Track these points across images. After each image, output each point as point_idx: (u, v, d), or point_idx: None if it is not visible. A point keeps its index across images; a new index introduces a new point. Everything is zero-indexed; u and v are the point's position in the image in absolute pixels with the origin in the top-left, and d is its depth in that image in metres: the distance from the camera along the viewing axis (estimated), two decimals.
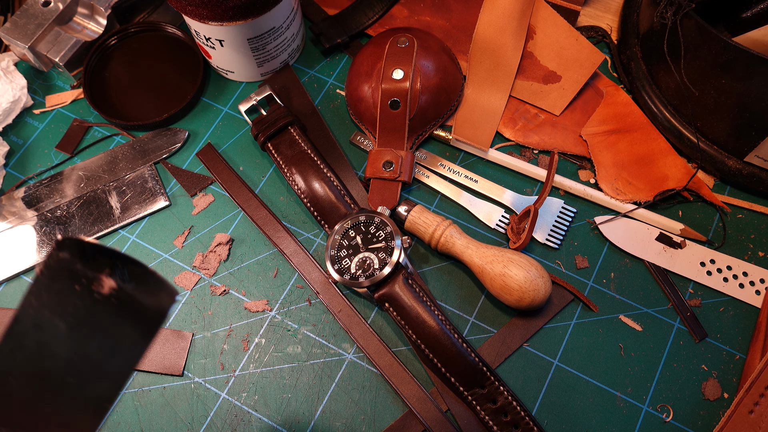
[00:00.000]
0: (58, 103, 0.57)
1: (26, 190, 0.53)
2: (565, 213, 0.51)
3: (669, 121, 0.52)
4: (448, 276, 0.49)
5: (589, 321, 0.48)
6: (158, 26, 0.58)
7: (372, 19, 0.58)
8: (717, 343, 0.47)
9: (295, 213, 0.52)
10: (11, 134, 0.56)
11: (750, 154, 0.49)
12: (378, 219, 0.47)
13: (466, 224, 0.51)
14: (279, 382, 0.46)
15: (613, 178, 0.51)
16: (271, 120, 0.52)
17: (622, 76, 0.56)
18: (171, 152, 0.54)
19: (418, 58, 0.51)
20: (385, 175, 0.50)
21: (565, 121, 0.54)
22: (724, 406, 0.45)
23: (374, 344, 0.46)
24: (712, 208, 0.51)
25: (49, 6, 0.55)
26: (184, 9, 0.48)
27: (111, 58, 0.57)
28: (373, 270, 0.46)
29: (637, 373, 0.46)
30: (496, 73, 0.54)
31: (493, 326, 0.47)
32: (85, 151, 0.55)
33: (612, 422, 0.44)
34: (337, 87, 0.57)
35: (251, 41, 0.51)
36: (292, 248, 0.49)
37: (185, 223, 0.52)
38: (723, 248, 0.50)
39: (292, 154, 0.51)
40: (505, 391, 0.44)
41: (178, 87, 0.56)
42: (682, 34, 0.47)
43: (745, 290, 0.48)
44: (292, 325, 0.48)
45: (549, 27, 0.55)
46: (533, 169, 0.52)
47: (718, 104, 0.48)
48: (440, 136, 0.53)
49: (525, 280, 0.44)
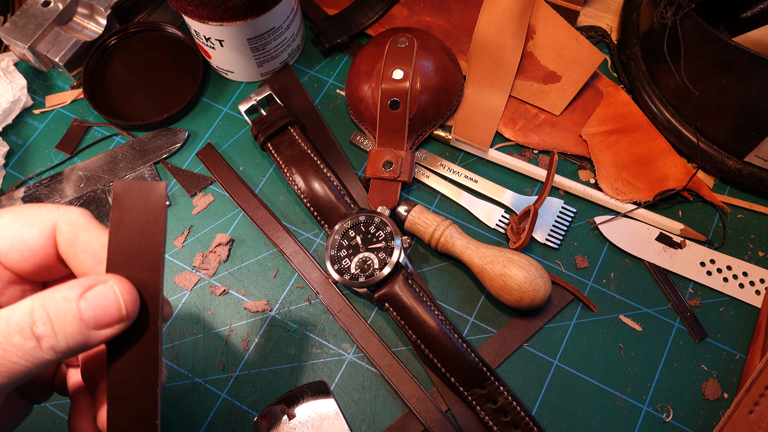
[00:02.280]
0: (58, 103, 0.57)
1: (26, 190, 0.53)
2: (565, 213, 0.51)
3: (669, 121, 0.52)
4: (448, 276, 0.49)
5: (589, 321, 0.48)
6: (158, 26, 0.58)
7: (372, 19, 0.58)
8: (717, 343, 0.47)
9: (295, 213, 0.52)
10: (11, 134, 0.56)
11: (750, 154, 0.49)
12: (378, 219, 0.47)
13: (466, 224, 0.51)
14: (279, 382, 0.46)
15: (613, 178, 0.51)
16: (271, 120, 0.52)
17: (622, 76, 0.56)
18: (171, 152, 0.54)
19: (418, 58, 0.51)
20: (385, 175, 0.50)
21: (565, 121, 0.54)
22: (724, 406, 0.45)
23: (374, 344, 0.46)
24: (712, 208, 0.51)
25: (49, 6, 0.55)
26: (184, 9, 0.48)
27: (111, 58, 0.57)
28: (373, 270, 0.46)
29: (637, 373, 0.46)
30: (496, 73, 0.54)
31: (493, 326, 0.47)
32: (85, 151, 0.55)
33: (612, 422, 0.44)
34: (337, 87, 0.57)
35: (251, 41, 0.51)
36: (292, 248, 0.49)
37: (185, 223, 0.52)
38: (723, 248, 0.50)
39: (292, 154, 0.51)
40: (505, 391, 0.44)
41: (178, 87, 0.56)
42: (682, 34, 0.47)
43: (745, 290, 0.48)
44: (292, 325, 0.48)
45: (549, 27, 0.55)
46: (533, 169, 0.52)
47: (718, 104, 0.48)
48: (440, 136, 0.53)
49: (525, 280, 0.44)
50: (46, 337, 0.26)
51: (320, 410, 0.44)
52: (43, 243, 0.31)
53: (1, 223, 0.31)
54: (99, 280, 0.28)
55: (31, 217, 0.31)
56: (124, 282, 0.28)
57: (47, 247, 0.31)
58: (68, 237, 0.30)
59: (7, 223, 0.31)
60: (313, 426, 0.43)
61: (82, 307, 0.27)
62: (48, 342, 0.26)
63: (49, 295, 0.27)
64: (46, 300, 0.27)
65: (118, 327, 0.28)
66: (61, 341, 0.27)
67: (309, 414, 0.43)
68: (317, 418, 0.43)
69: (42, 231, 0.30)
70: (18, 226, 0.30)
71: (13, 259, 0.30)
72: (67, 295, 0.27)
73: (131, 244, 0.29)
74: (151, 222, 0.29)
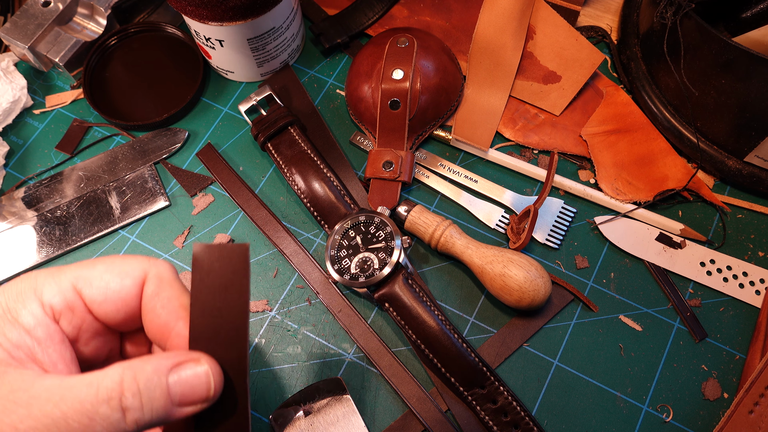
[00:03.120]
0: (58, 103, 0.57)
1: (26, 190, 0.53)
2: (565, 213, 0.51)
3: (669, 121, 0.52)
4: (448, 276, 0.49)
5: (589, 321, 0.48)
6: (158, 26, 0.58)
7: (372, 19, 0.58)
8: (717, 343, 0.47)
9: (295, 213, 0.52)
10: (11, 134, 0.56)
11: (750, 154, 0.49)
12: (378, 219, 0.47)
13: (466, 224, 0.51)
14: (279, 382, 0.46)
15: (613, 178, 0.51)
16: (271, 120, 0.52)
17: (622, 76, 0.56)
18: (171, 152, 0.54)
19: (418, 58, 0.51)
20: (385, 175, 0.50)
21: (565, 121, 0.54)
22: (724, 406, 0.45)
23: (374, 344, 0.46)
24: (712, 208, 0.51)
25: (49, 6, 0.55)
26: (184, 9, 0.48)
27: (111, 58, 0.57)
28: (373, 270, 0.46)
29: (637, 373, 0.46)
30: (496, 73, 0.54)
31: (493, 326, 0.47)
32: (85, 151, 0.55)
33: (612, 422, 0.44)
34: (337, 87, 0.57)
35: (251, 41, 0.51)
36: (292, 248, 0.49)
37: (185, 223, 0.52)
38: (723, 248, 0.50)
39: (292, 154, 0.51)
40: (505, 391, 0.44)
41: (178, 87, 0.56)
42: (682, 34, 0.47)
43: (745, 290, 0.48)
44: (292, 325, 0.48)
45: (549, 27, 0.55)
46: (533, 169, 0.52)
47: (718, 104, 0.48)
48: (440, 136, 0.53)
49: (525, 280, 0.44)
50: (133, 410, 0.26)
51: (336, 407, 0.44)
52: (134, 294, 0.31)
53: (95, 273, 0.30)
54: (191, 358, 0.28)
55: (125, 268, 0.31)
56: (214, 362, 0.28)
57: (137, 298, 0.31)
58: (153, 290, 0.31)
59: (101, 273, 0.30)
60: (329, 423, 0.43)
61: (171, 383, 0.27)
62: (133, 415, 0.26)
63: (140, 365, 0.27)
64: (137, 371, 0.27)
65: (201, 406, 0.28)
66: (146, 415, 0.26)
67: (325, 411, 0.44)
68: (333, 414, 0.44)
69: (134, 282, 0.31)
70: (112, 276, 0.30)
71: (106, 309, 0.30)
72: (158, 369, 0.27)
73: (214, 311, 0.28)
74: (235, 285, 0.28)
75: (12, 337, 0.28)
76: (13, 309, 0.29)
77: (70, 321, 0.30)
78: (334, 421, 0.43)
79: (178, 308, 0.30)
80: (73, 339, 0.30)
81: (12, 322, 0.28)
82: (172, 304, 0.30)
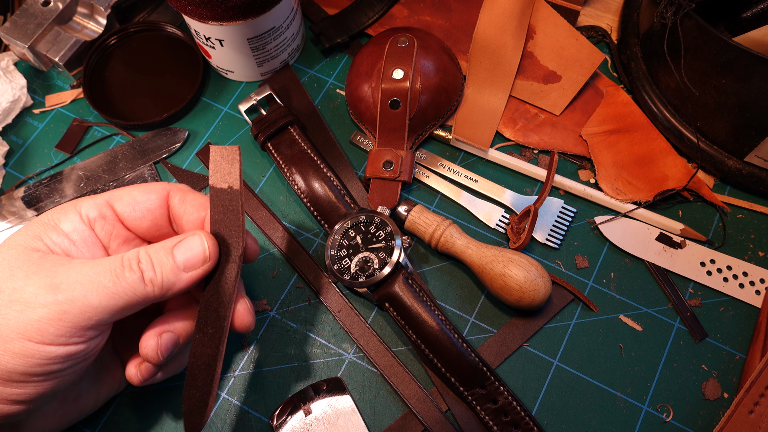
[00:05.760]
0: (58, 102, 0.57)
1: (26, 189, 0.53)
2: (565, 213, 0.51)
3: (669, 121, 0.52)
4: (448, 276, 0.49)
5: (589, 321, 0.48)
6: (158, 26, 0.58)
7: (372, 19, 0.58)
8: (717, 343, 0.47)
9: (295, 213, 0.52)
10: (11, 134, 0.56)
11: (750, 154, 0.49)
12: (378, 219, 0.47)
13: (466, 224, 0.51)
14: (279, 382, 0.46)
15: (613, 178, 0.51)
16: (271, 120, 0.52)
17: (622, 76, 0.56)
18: (171, 152, 0.54)
19: (418, 58, 0.51)
20: (385, 174, 0.50)
21: (565, 121, 0.54)
22: (724, 406, 0.45)
23: (374, 344, 0.46)
24: (712, 208, 0.51)
25: (48, 6, 0.55)
26: (184, 9, 0.48)
27: (111, 58, 0.57)
28: (373, 270, 0.46)
29: (637, 373, 0.46)
30: (496, 73, 0.54)
31: (493, 326, 0.47)
32: (84, 151, 0.55)
33: (612, 422, 0.44)
34: (337, 87, 0.57)
35: (251, 41, 0.51)
36: (292, 248, 0.49)
37: None
38: (723, 248, 0.50)
39: (292, 154, 0.51)
40: (505, 391, 0.44)
41: (178, 87, 0.56)
42: (682, 34, 0.47)
43: (745, 290, 0.48)
44: (292, 325, 0.48)
45: (549, 27, 0.55)
46: (533, 169, 0.52)
47: (718, 104, 0.48)
48: (440, 136, 0.53)
49: (525, 280, 0.44)
50: (147, 271, 0.35)
51: (336, 407, 0.44)
52: (158, 205, 0.39)
53: (125, 192, 0.39)
54: (189, 234, 0.37)
55: (150, 188, 0.40)
56: (207, 234, 0.37)
57: (162, 208, 0.40)
58: (180, 199, 0.39)
59: (129, 191, 0.39)
60: (329, 422, 0.43)
61: (175, 251, 0.36)
62: (148, 275, 0.35)
63: (151, 246, 0.36)
64: (149, 249, 0.36)
65: (202, 269, 0.36)
66: (158, 275, 0.35)
67: (325, 410, 0.44)
68: (333, 414, 0.44)
69: (158, 196, 0.39)
70: (139, 192, 0.39)
71: (134, 217, 0.39)
72: (165, 246, 0.36)
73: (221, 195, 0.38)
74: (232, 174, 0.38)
75: (52, 237, 0.36)
76: (55, 218, 0.37)
77: (102, 227, 0.38)
78: (334, 421, 0.43)
79: (203, 203, 0.39)
80: (105, 244, 0.39)
81: (54, 228, 0.37)
82: (198, 201, 0.39)
